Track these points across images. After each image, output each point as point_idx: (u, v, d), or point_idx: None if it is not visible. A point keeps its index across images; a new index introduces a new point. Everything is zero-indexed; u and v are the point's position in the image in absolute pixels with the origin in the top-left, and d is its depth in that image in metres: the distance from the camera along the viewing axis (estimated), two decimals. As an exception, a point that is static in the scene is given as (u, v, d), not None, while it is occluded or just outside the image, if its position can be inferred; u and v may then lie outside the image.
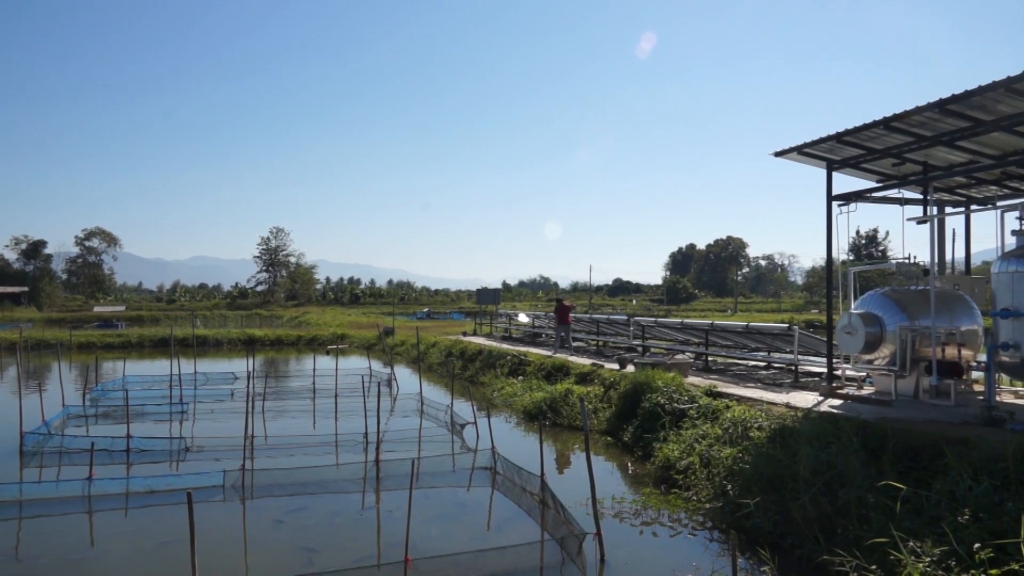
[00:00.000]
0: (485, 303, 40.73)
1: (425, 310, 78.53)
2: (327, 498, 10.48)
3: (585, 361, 20.18)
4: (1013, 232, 11.39)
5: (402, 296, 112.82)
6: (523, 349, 25.13)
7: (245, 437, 12.18)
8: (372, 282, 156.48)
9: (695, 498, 9.93)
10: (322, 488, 10.79)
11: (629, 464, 12.57)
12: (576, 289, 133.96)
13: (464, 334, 35.13)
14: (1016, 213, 11.46)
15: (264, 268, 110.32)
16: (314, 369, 22.70)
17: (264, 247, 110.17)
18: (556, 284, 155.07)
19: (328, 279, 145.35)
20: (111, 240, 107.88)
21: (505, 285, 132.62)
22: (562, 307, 23.90)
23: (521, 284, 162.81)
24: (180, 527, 6.36)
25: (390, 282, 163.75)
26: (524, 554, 7.94)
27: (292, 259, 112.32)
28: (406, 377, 24.74)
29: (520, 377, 20.77)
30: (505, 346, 26.90)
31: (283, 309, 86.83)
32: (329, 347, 36.06)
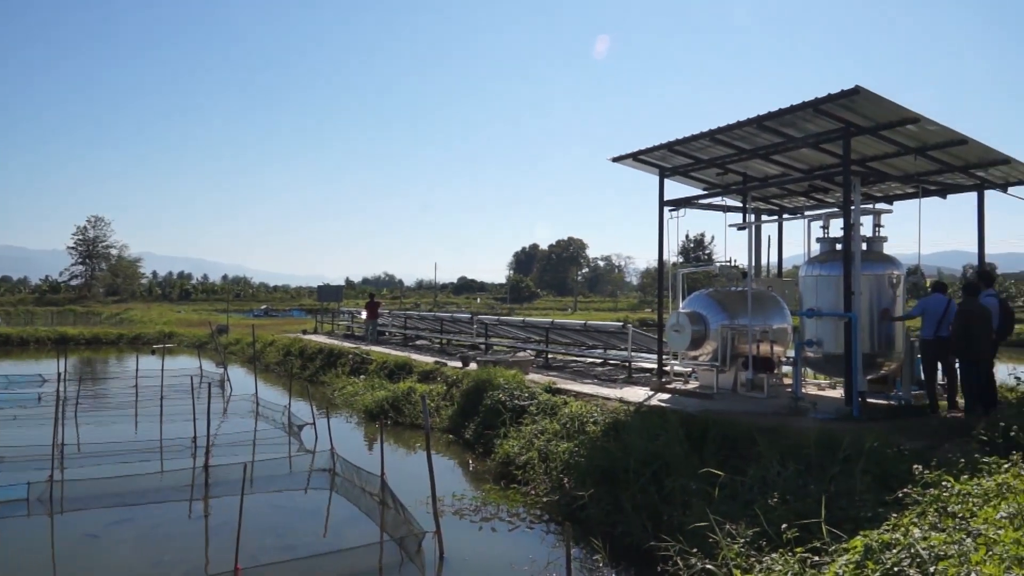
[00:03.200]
0: (327, 300, 39.65)
1: (263, 307, 75.22)
2: (150, 508, 9.79)
3: (428, 359, 20.14)
4: (817, 239, 12.55)
5: (238, 292, 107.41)
6: (365, 347, 24.71)
7: (54, 445, 11.13)
8: (205, 277, 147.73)
9: (533, 492, 10.17)
10: (144, 498, 10.04)
11: (470, 461, 12.68)
12: (421, 287, 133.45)
13: (304, 332, 34.02)
14: (820, 222, 12.65)
15: (80, 260, 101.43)
16: (137, 370, 21.10)
17: (80, 237, 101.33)
18: (401, 282, 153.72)
19: (155, 273, 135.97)
20: None
21: (349, 282, 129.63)
22: (372, 304, 28.52)
23: (365, 281, 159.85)
24: (-27, 547, 5.72)
25: (225, 277, 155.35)
26: (362, 556, 7.79)
27: (113, 251, 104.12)
28: (241, 377, 23.60)
29: (362, 376, 20.41)
30: (347, 344, 26.34)
31: (102, 305, 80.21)
32: (154, 346, 33.70)
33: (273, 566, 7.26)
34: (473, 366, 17.34)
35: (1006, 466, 6.52)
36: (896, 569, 4.77)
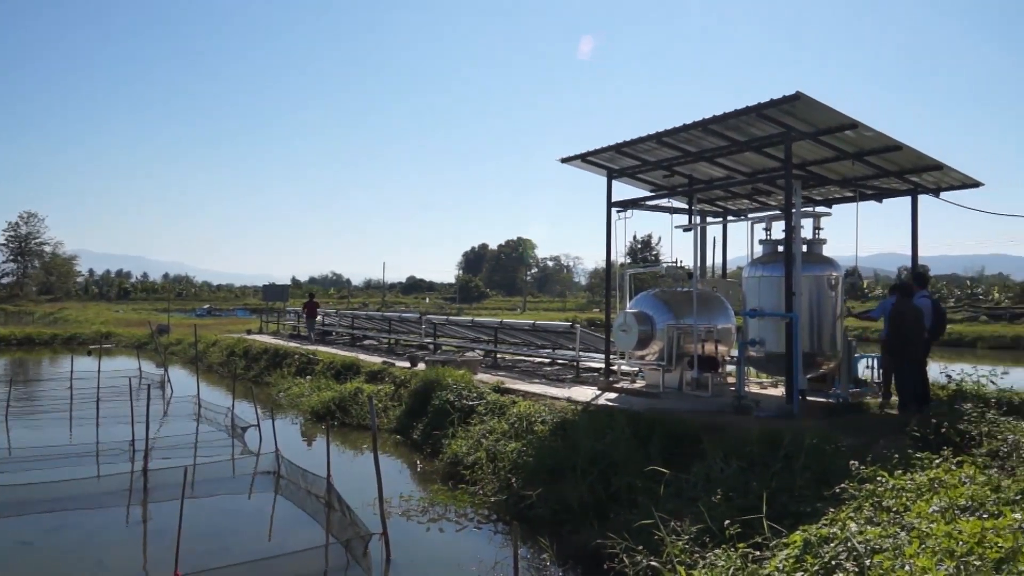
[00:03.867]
0: (272, 300, 39.02)
1: (206, 307, 73.64)
2: (87, 514, 9.48)
3: (376, 359, 19.98)
4: (760, 241, 12.81)
5: (180, 291, 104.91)
6: (312, 348, 24.39)
7: (-17, 450, 10.70)
8: (145, 276, 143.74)
9: (481, 492, 10.16)
10: (80, 503, 9.72)
11: (418, 462, 12.61)
12: (370, 286, 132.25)
13: (249, 332, 33.43)
14: (763, 224, 12.92)
15: (11, 257, 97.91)
16: (72, 371, 20.41)
17: (12, 234, 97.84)
18: (349, 281, 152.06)
19: (92, 271, 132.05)
20: None
21: (295, 281, 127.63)
22: (311, 304, 29.14)
23: (312, 280, 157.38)
24: None
25: (166, 276, 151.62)
26: (307, 560, 7.69)
27: (47, 248, 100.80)
28: (182, 379, 23.04)
29: (308, 376, 20.13)
30: (293, 344, 25.95)
31: (35, 304, 77.56)
32: (91, 347, 32.64)
33: (215, 571, 7.09)
34: (421, 366, 17.26)
35: (937, 461, 6.77)
36: (834, 563, 4.91)
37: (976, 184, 12.55)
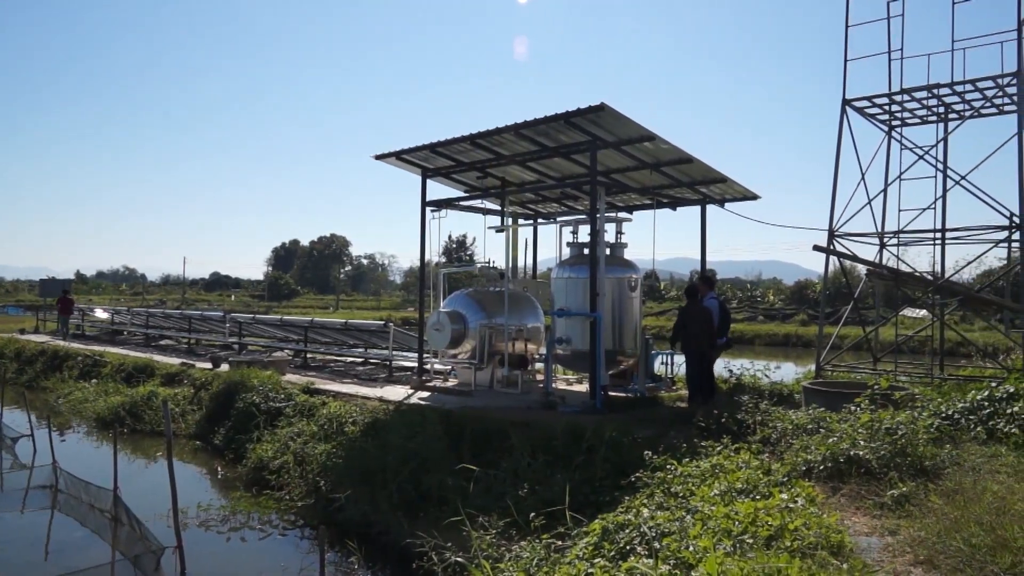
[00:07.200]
0: (52, 296, 35.27)
1: (-32, 303, 65.17)
2: None
3: (174, 360, 18.66)
4: (568, 244, 13.39)
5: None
6: (99, 348, 22.32)
7: None
8: None
9: (288, 497, 9.81)
10: None
11: (219, 468, 11.95)
12: (168, 282, 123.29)
13: (23, 331, 30.00)
14: (570, 228, 13.52)
15: None
16: None
17: None
18: (144, 276, 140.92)
19: None
20: None
21: (80, 276, 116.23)
22: (65, 300, 28.64)
23: (100, 275, 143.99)
24: None
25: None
26: (90, 580, 7.04)
27: None
28: (-63, 385, 20.21)
29: (94, 380, 18.40)
30: (76, 345, 23.62)
31: None
32: None
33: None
34: (225, 367, 16.35)
35: (719, 449, 7.41)
36: (628, 547, 5.23)
37: (755, 197, 13.91)
